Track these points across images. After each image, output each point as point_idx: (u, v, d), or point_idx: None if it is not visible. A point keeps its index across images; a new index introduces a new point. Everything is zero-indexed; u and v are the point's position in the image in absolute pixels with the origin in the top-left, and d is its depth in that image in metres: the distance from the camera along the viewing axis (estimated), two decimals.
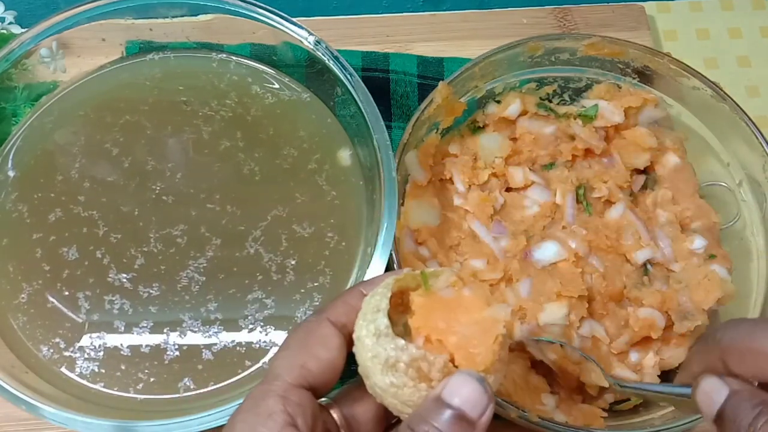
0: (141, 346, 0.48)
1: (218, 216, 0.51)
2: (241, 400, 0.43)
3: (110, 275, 0.49)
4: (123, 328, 0.48)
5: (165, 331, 0.48)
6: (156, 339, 0.48)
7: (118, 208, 0.51)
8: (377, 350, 0.31)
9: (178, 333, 0.48)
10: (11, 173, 0.52)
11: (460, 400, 0.30)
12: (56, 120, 0.54)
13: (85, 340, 0.48)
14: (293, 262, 0.50)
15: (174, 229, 0.50)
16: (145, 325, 0.48)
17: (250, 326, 0.48)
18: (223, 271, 0.50)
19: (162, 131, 0.54)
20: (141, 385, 0.47)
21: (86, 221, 0.51)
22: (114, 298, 0.49)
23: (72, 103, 0.55)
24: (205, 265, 0.50)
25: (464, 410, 0.30)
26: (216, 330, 0.48)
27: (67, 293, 0.49)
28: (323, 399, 0.35)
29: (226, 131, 0.54)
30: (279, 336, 0.48)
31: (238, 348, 0.48)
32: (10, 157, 0.53)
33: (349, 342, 0.34)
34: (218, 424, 0.43)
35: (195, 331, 0.48)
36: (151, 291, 0.49)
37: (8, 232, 0.51)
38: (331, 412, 0.35)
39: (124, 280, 0.49)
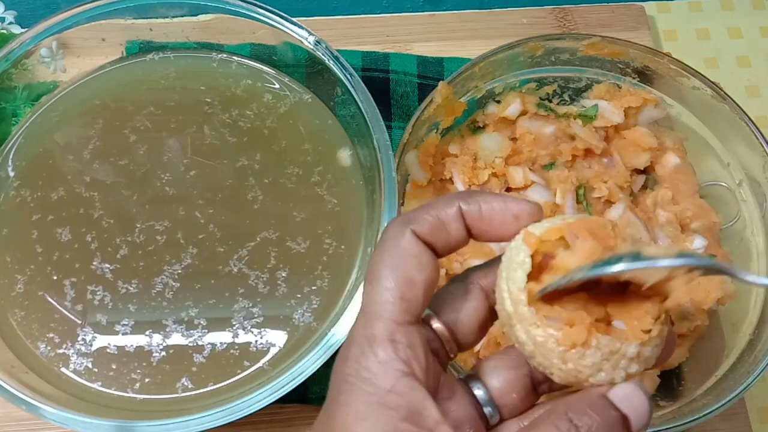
0: (126, 345, 0.47)
1: (200, 228, 0.50)
2: (241, 400, 0.44)
3: (94, 263, 0.49)
4: (105, 323, 0.48)
5: (147, 332, 0.48)
6: (139, 340, 0.48)
7: (120, 191, 0.51)
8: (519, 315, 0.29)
9: (161, 335, 0.48)
10: (12, 173, 0.52)
11: (629, 407, 0.28)
12: (57, 119, 0.54)
13: (75, 334, 0.48)
14: (284, 274, 0.49)
15: (158, 224, 0.50)
16: (126, 323, 0.48)
17: (240, 332, 0.48)
18: (199, 281, 0.49)
19: (187, 127, 0.54)
20: (137, 384, 0.47)
21: (85, 201, 0.51)
22: (97, 289, 0.48)
23: (73, 103, 0.55)
24: (179, 272, 0.49)
25: (631, 419, 0.28)
26: (202, 334, 0.48)
27: (55, 278, 0.49)
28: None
29: (247, 148, 0.53)
30: (276, 337, 0.48)
31: (231, 351, 0.48)
32: (11, 156, 0.53)
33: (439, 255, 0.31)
34: (218, 424, 0.43)
35: (180, 335, 0.48)
36: (129, 287, 0.49)
37: (8, 221, 0.51)
38: (432, 323, 0.31)
39: (107, 270, 0.49)
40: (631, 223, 0.54)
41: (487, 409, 0.30)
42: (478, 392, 0.30)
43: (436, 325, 0.31)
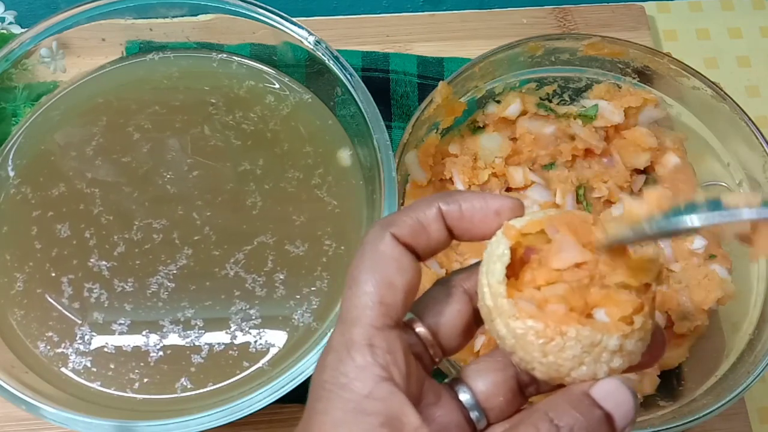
0: (123, 344, 0.47)
1: (195, 230, 0.50)
2: (241, 400, 0.44)
3: (92, 259, 0.49)
4: (102, 321, 0.48)
5: (144, 332, 0.48)
6: (136, 339, 0.47)
7: (121, 188, 0.51)
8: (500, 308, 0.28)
9: (158, 336, 0.47)
10: (12, 172, 0.52)
11: (613, 405, 0.27)
12: (58, 118, 0.54)
13: (74, 333, 0.48)
14: (282, 277, 0.49)
15: (155, 221, 0.50)
16: (122, 322, 0.48)
17: (238, 333, 0.48)
18: (194, 282, 0.49)
19: (192, 127, 0.54)
20: (137, 384, 0.47)
21: (86, 197, 0.51)
22: (93, 287, 0.48)
23: (74, 102, 0.55)
24: (174, 272, 0.49)
25: (615, 417, 0.27)
26: (199, 335, 0.48)
27: (53, 274, 0.49)
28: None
29: (250, 152, 0.53)
30: (275, 337, 0.48)
31: (230, 351, 0.47)
32: (11, 156, 0.53)
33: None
34: (218, 424, 0.43)
35: (177, 335, 0.48)
36: (125, 286, 0.48)
37: (9, 219, 0.51)
38: (415, 327, 0.30)
39: (103, 267, 0.49)
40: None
41: (473, 414, 0.30)
42: (464, 396, 0.30)
43: (419, 329, 0.30)
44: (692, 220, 0.25)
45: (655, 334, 0.29)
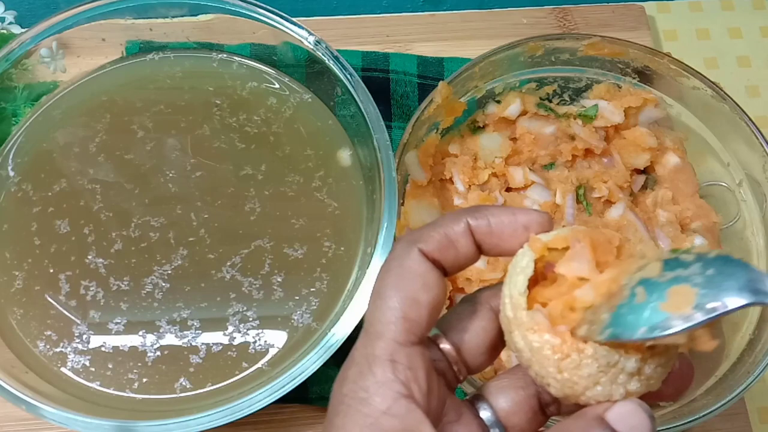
0: (120, 344, 0.47)
1: (191, 231, 0.50)
2: (241, 400, 0.44)
3: (89, 256, 0.49)
4: (98, 320, 0.48)
5: (141, 332, 0.48)
6: (132, 339, 0.47)
7: (122, 185, 0.51)
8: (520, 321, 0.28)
9: (155, 336, 0.47)
10: (12, 172, 0.52)
11: (628, 429, 0.27)
12: (60, 117, 0.54)
13: (72, 332, 0.48)
14: (280, 279, 0.49)
15: (153, 219, 0.50)
16: (119, 321, 0.48)
17: (236, 334, 0.48)
18: (189, 284, 0.49)
19: (196, 128, 0.54)
20: (136, 384, 0.47)
21: (87, 194, 0.51)
22: (90, 285, 0.48)
23: (74, 102, 0.55)
24: (169, 272, 0.49)
25: None
26: (196, 335, 0.48)
27: (51, 271, 0.49)
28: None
29: (253, 155, 0.53)
30: (274, 338, 0.48)
31: (229, 352, 0.47)
32: (11, 156, 0.53)
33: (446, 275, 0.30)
34: (218, 424, 0.43)
35: (173, 335, 0.48)
36: (121, 284, 0.49)
37: (9, 217, 0.51)
38: (440, 344, 0.30)
39: (100, 265, 0.49)
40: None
41: (494, 431, 0.30)
42: (485, 414, 0.30)
43: (444, 345, 0.30)
44: (635, 333, 0.26)
45: (682, 365, 0.29)
